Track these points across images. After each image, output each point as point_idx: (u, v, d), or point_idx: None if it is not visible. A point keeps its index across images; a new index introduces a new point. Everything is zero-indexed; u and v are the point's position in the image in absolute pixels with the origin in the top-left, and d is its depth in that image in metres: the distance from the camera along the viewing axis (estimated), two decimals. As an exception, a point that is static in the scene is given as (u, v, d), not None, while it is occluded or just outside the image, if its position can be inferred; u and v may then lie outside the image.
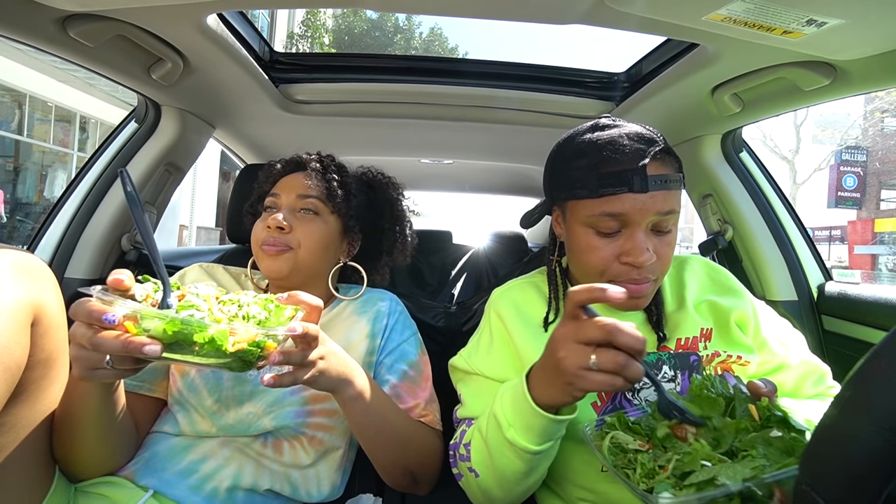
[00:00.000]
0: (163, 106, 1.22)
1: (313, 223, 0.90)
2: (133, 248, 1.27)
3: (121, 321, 0.52)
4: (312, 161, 0.96)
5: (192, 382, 0.83)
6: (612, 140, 0.68)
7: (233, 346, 0.53)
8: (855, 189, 18.08)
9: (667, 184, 0.67)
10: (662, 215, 0.68)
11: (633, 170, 0.66)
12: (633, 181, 0.66)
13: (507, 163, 1.86)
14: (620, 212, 0.67)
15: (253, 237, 0.91)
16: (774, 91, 0.97)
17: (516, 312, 0.82)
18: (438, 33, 20.99)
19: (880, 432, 0.34)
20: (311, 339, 0.62)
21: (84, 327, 0.53)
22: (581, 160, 0.70)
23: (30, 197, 8.48)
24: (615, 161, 0.67)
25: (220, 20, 0.92)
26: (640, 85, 1.16)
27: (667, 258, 0.71)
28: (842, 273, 11.71)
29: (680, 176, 0.70)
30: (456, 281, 1.88)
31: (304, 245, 0.88)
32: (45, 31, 0.82)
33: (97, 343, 0.52)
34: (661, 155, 0.68)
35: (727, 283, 0.84)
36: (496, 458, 0.66)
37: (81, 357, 0.55)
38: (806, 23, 0.69)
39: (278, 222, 0.86)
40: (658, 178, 0.66)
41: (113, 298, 0.52)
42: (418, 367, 0.92)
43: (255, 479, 0.81)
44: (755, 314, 0.81)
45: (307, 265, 0.89)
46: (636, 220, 0.67)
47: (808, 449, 0.41)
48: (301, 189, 0.92)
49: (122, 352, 0.51)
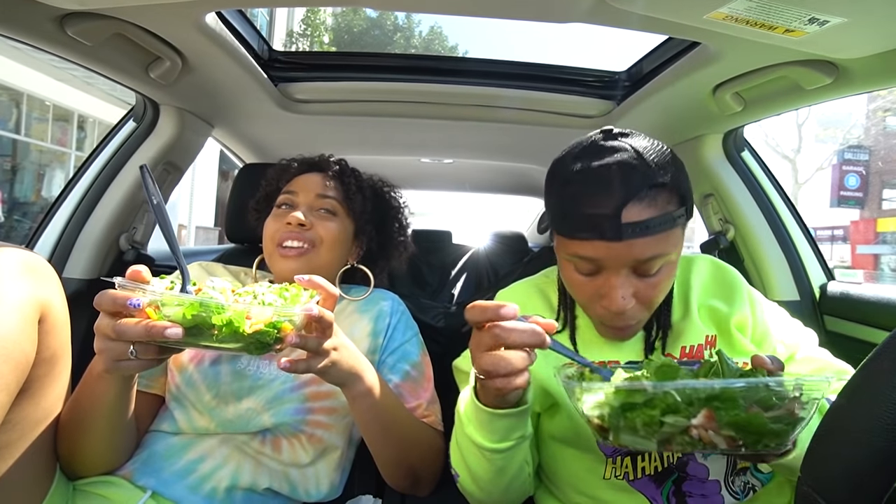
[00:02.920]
0: (161, 105, 1.22)
1: (331, 222, 0.92)
2: (131, 247, 1.27)
3: (144, 306, 0.53)
4: (332, 163, 0.98)
5: (189, 378, 0.83)
6: (596, 175, 0.62)
7: (250, 328, 0.54)
8: (857, 188, 18.06)
9: (647, 230, 0.60)
10: (643, 262, 0.62)
11: (607, 216, 0.60)
12: (604, 229, 0.60)
13: (506, 162, 1.86)
14: (593, 257, 0.63)
15: (267, 236, 0.91)
16: (776, 90, 0.97)
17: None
18: (438, 32, 21.00)
19: (883, 433, 0.34)
20: (326, 326, 0.63)
21: (108, 318, 0.55)
22: (565, 190, 0.66)
23: (27, 196, 8.47)
24: (591, 202, 0.61)
25: (219, 18, 0.92)
26: (640, 84, 1.16)
27: (650, 301, 0.66)
28: (844, 273, 11.72)
29: (673, 216, 0.62)
30: (456, 281, 1.87)
31: (326, 241, 0.90)
32: (43, 29, 0.82)
33: (121, 330, 0.54)
34: (651, 193, 0.61)
35: (731, 283, 0.81)
36: (466, 457, 0.67)
37: (107, 348, 0.56)
38: (808, 21, 0.69)
39: (299, 219, 0.87)
40: (637, 225, 0.60)
41: (134, 286, 0.54)
42: (420, 367, 0.92)
43: (254, 477, 0.81)
44: (753, 313, 0.78)
45: (325, 263, 0.91)
46: (610, 265, 0.63)
47: (810, 449, 0.41)
48: (320, 188, 0.93)
49: (145, 337, 0.53)
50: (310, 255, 0.88)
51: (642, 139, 0.66)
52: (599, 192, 0.61)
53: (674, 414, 0.49)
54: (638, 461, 0.74)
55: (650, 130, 1.33)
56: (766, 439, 0.49)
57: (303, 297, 0.62)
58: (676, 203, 0.63)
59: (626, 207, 0.59)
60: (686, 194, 0.65)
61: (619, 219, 0.60)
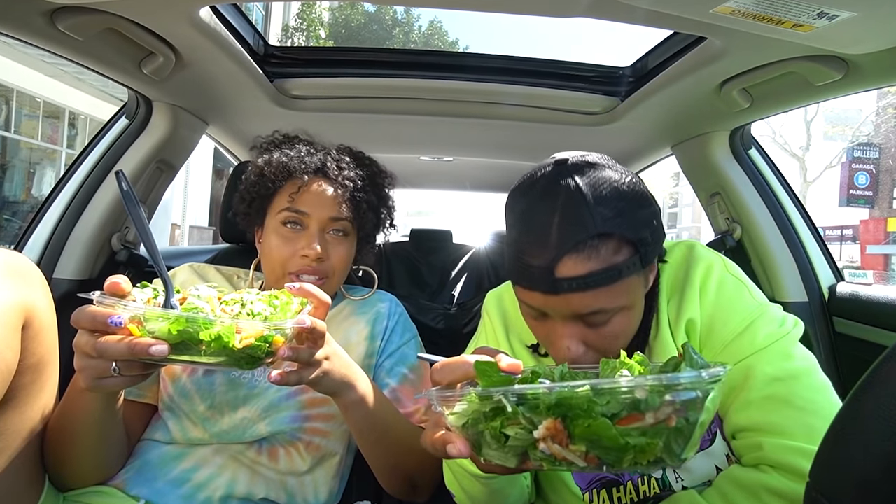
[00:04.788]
0: (154, 101, 1.22)
1: (343, 246, 0.90)
2: (123, 247, 1.27)
3: (125, 323, 0.52)
4: (342, 176, 0.90)
5: (183, 388, 0.83)
6: (536, 222, 0.59)
7: (240, 342, 0.53)
8: (867, 187, 18.07)
9: (585, 286, 0.57)
10: (586, 315, 0.59)
11: (541, 269, 0.58)
12: (539, 282, 0.59)
13: (508, 160, 1.86)
14: (535, 306, 0.62)
15: (275, 259, 0.85)
16: (784, 86, 0.97)
17: (501, 316, 0.83)
18: (438, 27, 21.01)
19: (893, 437, 0.34)
20: (318, 336, 0.62)
21: (87, 335, 0.53)
22: (509, 233, 0.64)
23: (17, 195, 8.47)
24: (528, 252, 0.59)
25: (214, 13, 0.92)
26: (645, 80, 1.16)
27: (605, 350, 0.62)
28: (854, 274, 11.63)
29: (619, 267, 0.57)
30: (456, 282, 1.88)
31: (338, 273, 0.89)
32: (33, 24, 0.81)
33: (102, 349, 0.52)
34: (593, 244, 0.56)
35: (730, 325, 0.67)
36: (460, 480, 0.68)
37: (87, 366, 0.54)
38: (817, 16, 0.69)
39: (317, 253, 0.84)
40: (572, 280, 0.57)
41: (114, 302, 0.52)
42: (419, 370, 0.92)
43: (250, 487, 0.80)
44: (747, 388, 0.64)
45: (334, 288, 0.90)
46: (554, 315, 0.61)
47: (818, 455, 0.41)
48: (333, 210, 0.87)
49: (129, 355, 0.51)
50: (323, 285, 0.85)
51: (600, 172, 0.61)
52: (535, 243, 0.59)
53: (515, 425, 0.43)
54: (613, 493, 0.70)
55: (655, 127, 1.35)
56: (631, 456, 0.41)
57: (293, 305, 0.61)
58: (627, 252, 0.58)
59: (561, 261, 0.57)
60: (644, 239, 0.59)
61: (553, 273, 0.57)
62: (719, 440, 0.69)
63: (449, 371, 0.52)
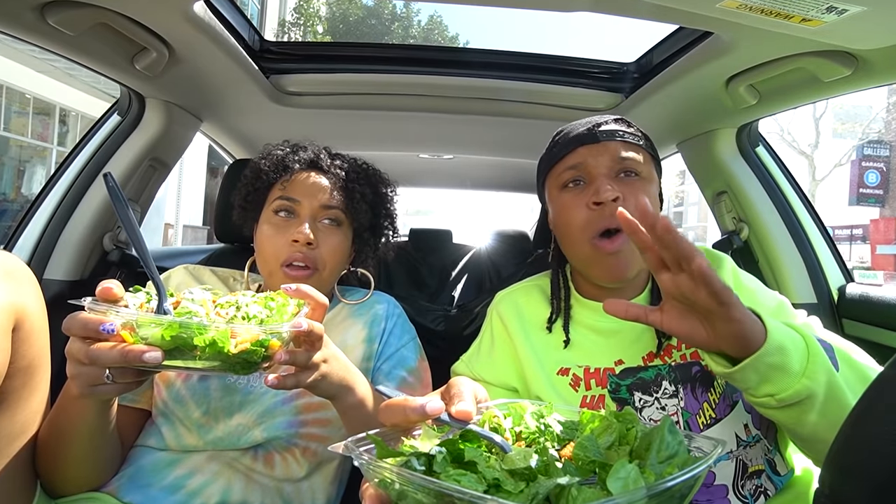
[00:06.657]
0: (147, 98, 1.22)
1: (335, 236, 0.90)
2: (115, 247, 1.27)
3: (118, 330, 0.51)
4: (334, 167, 0.94)
5: (177, 393, 0.83)
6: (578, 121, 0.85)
7: (235, 347, 0.52)
8: (877, 185, 18.06)
9: (620, 135, 0.79)
10: (620, 161, 0.78)
11: (586, 128, 0.82)
12: (583, 137, 0.81)
13: (509, 158, 1.86)
14: (577, 163, 0.80)
15: (269, 252, 0.87)
16: (792, 82, 0.97)
17: (517, 315, 0.84)
18: (438, 21, 21.00)
19: (904, 441, 0.34)
20: (315, 339, 0.62)
21: (79, 342, 0.53)
22: (553, 139, 0.86)
23: (6, 194, 8.48)
24: (578, 124, 0.84)
25: (208, 7, 0.92)
26: (650, 76, 1.16)
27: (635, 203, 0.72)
28: (863, 274, 11.68)
29: (642, 138, 0.82)
30: (456, 282, 1.88)
31: (329, 265, 0.88)
32: (23, 18, 0.81)
33: (94, 356, 0.51)
34: (629, 125, 0.83)
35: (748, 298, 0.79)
36: None
37: (80, 374, 0.54)
38: (826, 10, 0.69)
39: (308, 237, 0.84)
40: (610, 132, 0.80)
41: (106, 308, 0.52)
42: (417, 373, 0.92)
43: (245, 494, 0.80)
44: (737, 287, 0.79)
45: (328, 282, 0.90)
46: (593, 170, 0.78)
47: (829, 458, 0.41)
48: (325, 198, 0.89)
49: (122, 362, 0.51)
50: (314, 277, 0.86)
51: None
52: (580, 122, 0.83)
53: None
54: None
55: (660, 124, 1.35)
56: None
57: (290, 307, 0.60)
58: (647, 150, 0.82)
59: (601, 124, 0.81)
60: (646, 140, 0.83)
61: (595, 128, 0.80)
62: (740, 407, 0.73)
63: (390, 413, 0.50)
